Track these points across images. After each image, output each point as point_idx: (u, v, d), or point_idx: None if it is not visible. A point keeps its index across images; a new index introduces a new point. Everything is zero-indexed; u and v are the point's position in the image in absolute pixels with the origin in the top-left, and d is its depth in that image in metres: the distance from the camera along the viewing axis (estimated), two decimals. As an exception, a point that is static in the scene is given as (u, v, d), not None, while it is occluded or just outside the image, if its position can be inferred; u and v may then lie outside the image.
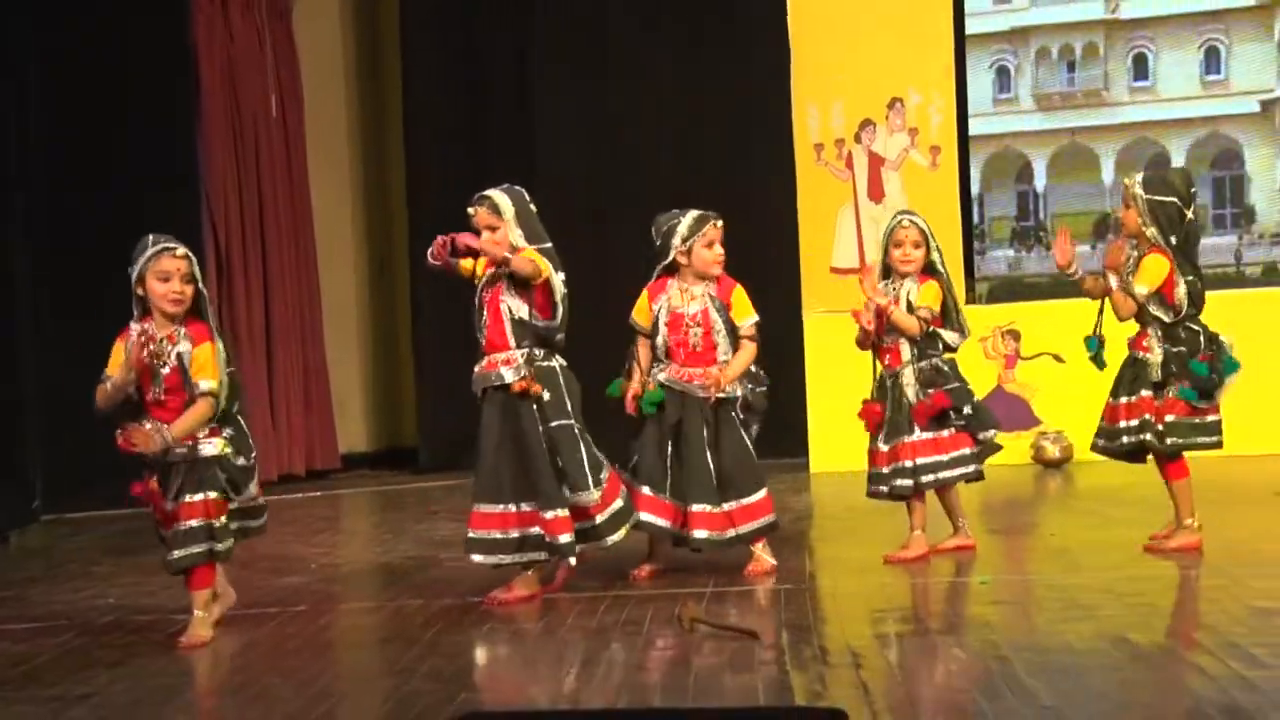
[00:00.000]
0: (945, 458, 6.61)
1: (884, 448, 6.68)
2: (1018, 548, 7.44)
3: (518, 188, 6.21)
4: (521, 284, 6.02)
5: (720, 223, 6.48)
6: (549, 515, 6.04)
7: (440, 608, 6.12)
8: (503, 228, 6.05)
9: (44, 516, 9.02)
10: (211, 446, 5.64)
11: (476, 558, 6.14)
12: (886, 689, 4.58)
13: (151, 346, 5.59)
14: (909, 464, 6.60)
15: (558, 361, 6.14)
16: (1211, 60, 9.70)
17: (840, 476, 9.38)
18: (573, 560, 6.11)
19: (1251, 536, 6.76)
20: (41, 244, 9.15)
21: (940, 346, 6.66)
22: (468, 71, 10.84)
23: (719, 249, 6.44)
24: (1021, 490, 8.93)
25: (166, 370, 5.58)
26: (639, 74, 10.58)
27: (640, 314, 6.50)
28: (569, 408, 6.10)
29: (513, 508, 6.08)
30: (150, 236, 5.75)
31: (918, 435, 6.59)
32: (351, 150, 11.43)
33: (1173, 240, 6.31)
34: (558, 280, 6.04)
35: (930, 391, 6.56)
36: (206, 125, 10.16)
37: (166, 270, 5.63)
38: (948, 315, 6.67)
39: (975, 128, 10.10)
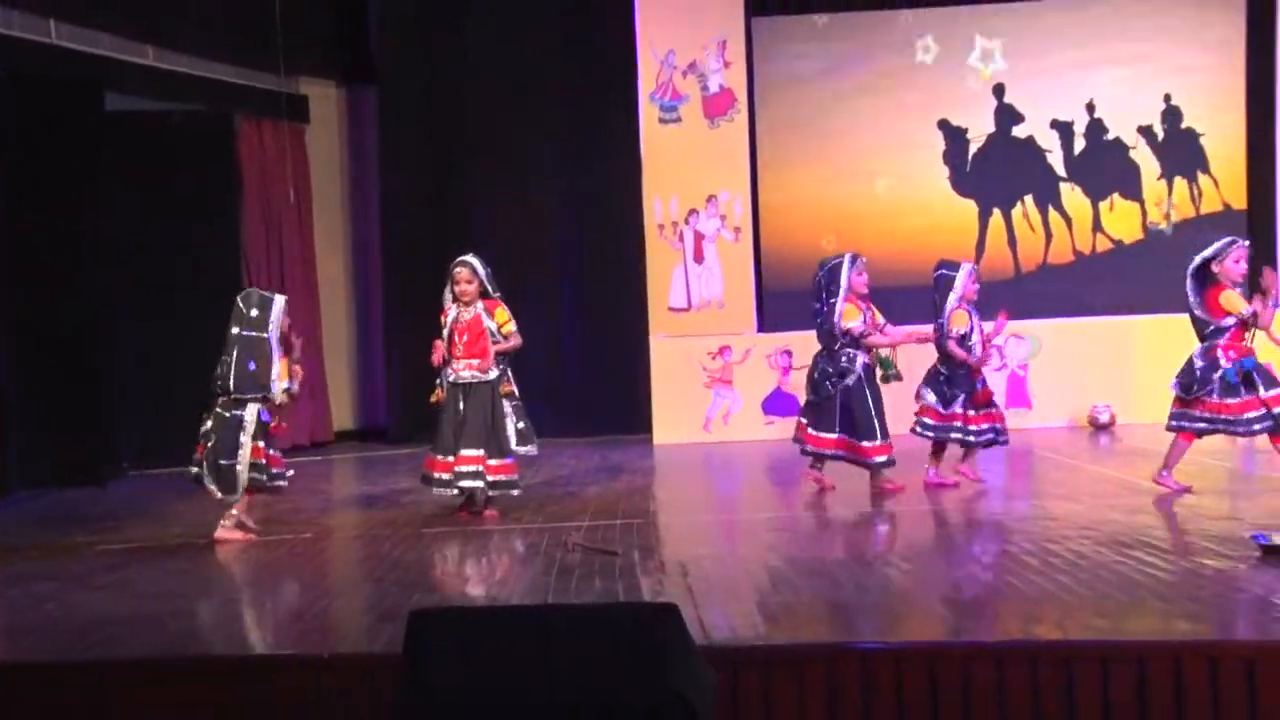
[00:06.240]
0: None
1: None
2: (788, 493, 7.52)
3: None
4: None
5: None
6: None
7: (402, 535, 6.07)
8: (476, 282, 6.30)
9: (130, 472, 8.78)
10: None
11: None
12: (705, 589, 4.63)
13: None
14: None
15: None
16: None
17: (674, 447, 9.44)
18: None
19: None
20: (133, 270, 8.91)
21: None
22: (426, 179, 10.63)
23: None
24: (792, 455, 9.05)
25: None
26: (540, 178, 10.51)
27: None
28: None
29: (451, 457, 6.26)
30: None
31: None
32: (344, 223, 11.26)
33: None
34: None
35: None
36: (246, 207, 10.00)
37: None
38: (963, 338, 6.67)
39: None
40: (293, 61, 10.11)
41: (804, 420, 6.78)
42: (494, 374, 6.30)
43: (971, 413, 6.64)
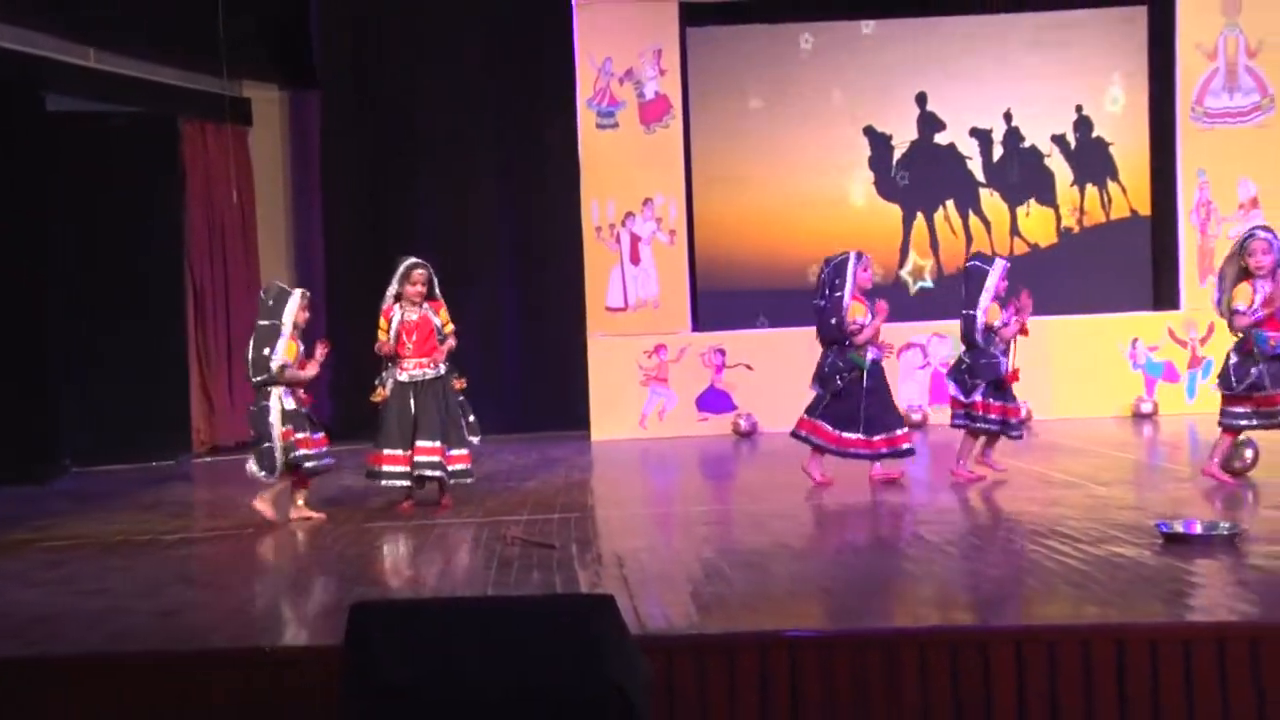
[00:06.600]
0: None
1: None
2: (721, 488, 7.57)
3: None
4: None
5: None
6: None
7: (344, 530, 6.01)
8: (429, 284, 6.34)
9: (73, 469, 8.57)
10: None
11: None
12: (641, 580, 4.64)
13: None
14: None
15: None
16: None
17: (611, 443, 9.42)
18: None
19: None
20: (76, 270, 8.68)
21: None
22: (367, 182, 10.53)
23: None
24: (725, 450, 9.12)
25: None
26: (480, 181, 10.44)
27: None
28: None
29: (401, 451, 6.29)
30: None
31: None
32: (287, 225, 11.10)
33: None
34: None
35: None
36: (189, 209, 9.81)
37: None
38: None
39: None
40: (235, 65, 9.95)
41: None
42: (444, 368, 6.32)
43: (992, 401, 6.53)
